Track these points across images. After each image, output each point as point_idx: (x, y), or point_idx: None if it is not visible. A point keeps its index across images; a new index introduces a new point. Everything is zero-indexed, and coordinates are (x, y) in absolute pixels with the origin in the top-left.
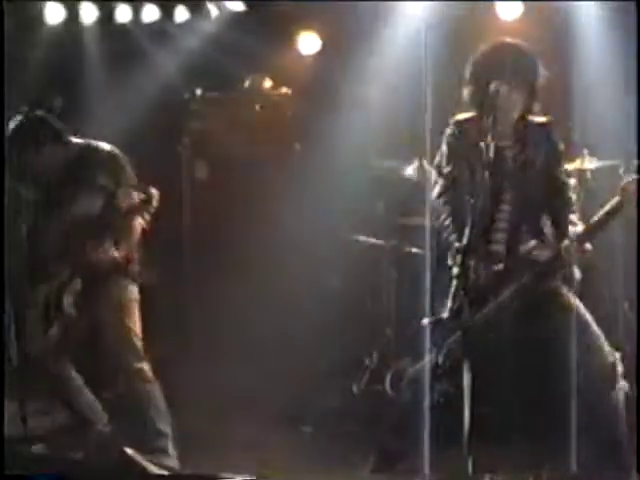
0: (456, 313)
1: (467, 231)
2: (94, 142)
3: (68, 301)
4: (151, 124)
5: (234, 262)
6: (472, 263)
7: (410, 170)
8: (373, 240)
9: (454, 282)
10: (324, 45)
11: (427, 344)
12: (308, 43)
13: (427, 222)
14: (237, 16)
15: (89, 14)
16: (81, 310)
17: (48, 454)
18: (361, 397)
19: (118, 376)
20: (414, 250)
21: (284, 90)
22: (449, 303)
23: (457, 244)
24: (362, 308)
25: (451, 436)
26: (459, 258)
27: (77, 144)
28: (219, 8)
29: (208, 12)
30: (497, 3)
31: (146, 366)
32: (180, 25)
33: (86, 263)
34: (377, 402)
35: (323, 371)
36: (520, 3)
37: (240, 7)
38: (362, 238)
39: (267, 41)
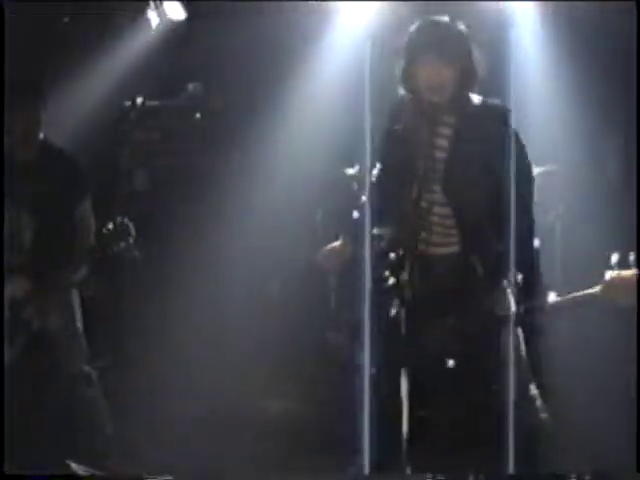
0: (393, 324)
1: (398, 235)
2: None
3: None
4: (90, 133)
5: (173, 272)
6: (408, 273)
7: (351, 173)
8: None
9: (390, 293)
10: (265, 51)
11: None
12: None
13: (367, 230)
14: (178, 24)
15: None
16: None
17: None
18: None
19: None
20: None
21: (223, 98)
22: (386, 315)
23: (392, 254)
24: (302, 317)
25: (390, 440)
26: (394, 267)
27: None
28: (160, 16)
29: (149, 20)
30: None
31: (92, 370)
32: (120, 33)
33: None
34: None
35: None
36: None
37: (182, 16)
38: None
39: (207, 50)
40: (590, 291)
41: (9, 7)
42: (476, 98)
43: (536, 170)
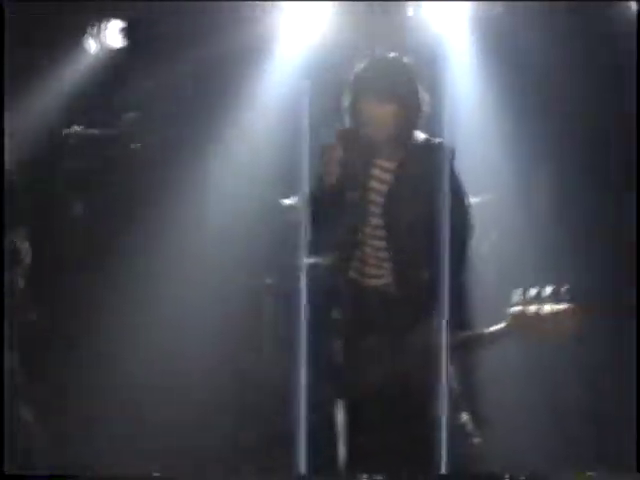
0: (328, 354)
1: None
2: None
3: None
4: (26, 161)
5: (112, 299)
6: (340, 303)
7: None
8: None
9: (324, 323)
10: (204, 82)
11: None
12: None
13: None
14: (117, 52)
15: None
16: None
17: None
18: None
19: None
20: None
21: (162, 128)
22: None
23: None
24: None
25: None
26: (327, 297)
27: None
28: (99, 44)
29: (87, 47)
30: None
31: None
32: (58, 60)
33: None
34: None
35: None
36: None
37: (120, 43)
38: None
39: (146, 79)
40: (502, 325)
41: None
42: (421, 135)
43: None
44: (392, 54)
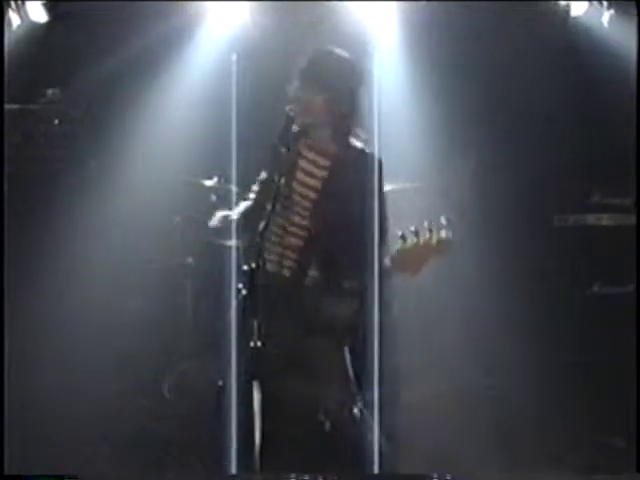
0: (247, 333)
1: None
2: None
3: None
4: None
5: (27, 284)
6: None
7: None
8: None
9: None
10: (127, 58)
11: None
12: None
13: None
14: (40, 27)
15: None
16: None
17: None
18: None
19: None
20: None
21: (83, 105)
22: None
23: (245, 266)
24: (161, 329)
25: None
26: (245, 280)
27: None
28: (21, 18)
29: (9, 21)
30: None
31: None
32: None
33: None
34: None
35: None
36: None
37: (44, 18)
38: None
39: (68, 54)
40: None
41: None
42: (356, 137)
43: (390, 186)
44: (330, 48)
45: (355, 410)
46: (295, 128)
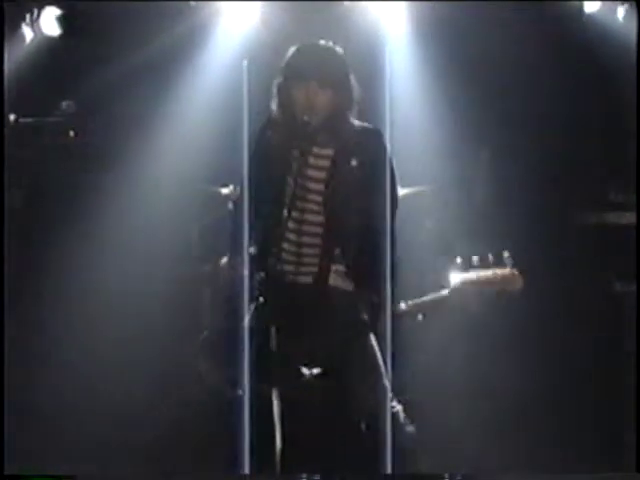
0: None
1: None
2: None
3: None
4: None
5: (50, 291)
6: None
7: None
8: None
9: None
10: (140, 68)
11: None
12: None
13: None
14: (53, 40)
15: None
16: None
17: None
18: None
19: None
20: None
21: (97, 117)
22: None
23: (262, 273)
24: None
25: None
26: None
27: None
28: (34, 31)
29: (23, 35)
30: None
31: None
32: None
33: None
34: None
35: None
36: None
37: (56, 31)
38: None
39: (82, 67)
40: (440, 294)
41: None
42: (355, 121)
43: (404, 191)
44: (322, 41)
45: (395, 408)
46: (295, 126)
